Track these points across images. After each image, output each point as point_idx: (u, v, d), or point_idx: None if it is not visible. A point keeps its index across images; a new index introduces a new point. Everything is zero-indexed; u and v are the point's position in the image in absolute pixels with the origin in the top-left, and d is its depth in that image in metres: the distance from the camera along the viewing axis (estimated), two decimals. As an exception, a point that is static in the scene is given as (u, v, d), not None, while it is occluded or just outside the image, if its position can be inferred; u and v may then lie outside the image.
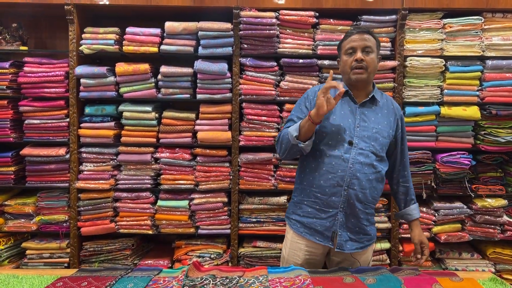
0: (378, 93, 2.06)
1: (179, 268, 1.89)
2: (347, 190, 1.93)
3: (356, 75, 1.93)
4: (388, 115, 2.02)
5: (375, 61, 1.95)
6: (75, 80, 2.90)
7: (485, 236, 2.96)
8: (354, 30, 1.97)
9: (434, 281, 1.69)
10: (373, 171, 1.95)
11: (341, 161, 1.92)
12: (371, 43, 1.94)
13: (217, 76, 2.87)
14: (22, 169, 3.01)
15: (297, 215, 2.07)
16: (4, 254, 2.93)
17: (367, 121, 1.96)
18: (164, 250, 3.15)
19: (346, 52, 1.96)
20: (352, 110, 1.97)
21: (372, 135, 1.94)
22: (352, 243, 2.01)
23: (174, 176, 2.95)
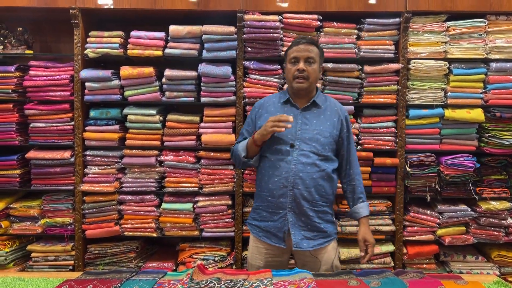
0: (321, 96, 2.18)
1: (184, 271, 1.89)
2: (292, 190, 2.05)
3: (298, 84, 2.07)
4: (331, 116, 2.13)
5: (316, 71, 2.10)
6: (80, 84, 2.92)
7: (489, 239, 2.95)
8: (300, 40, 2.10)
9: (439, 284, 1.69)
10: (316, 170, 2.06)
11: (284, 163, 2.06)
12: (314, 54, 2.08)
13: (221, 79, 2.88)
14: (27, 172, 3.03)
15: (256, 220, 2.20)
16: (9, 257, 2.94)
17: (308, 124, 2.09)
18: (168, 252, 3.16)
19: (290, 61, 2.10)
20: (295, 116, 2.10)
21: (314, 136, 2.07)
22: (308, 241, 2.09)
23: (178, 179, 2.96)
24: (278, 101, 2.18)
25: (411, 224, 2.96)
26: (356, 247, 2.93)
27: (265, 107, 2.19)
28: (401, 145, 2.93)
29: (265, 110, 2.18)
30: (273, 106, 2.17)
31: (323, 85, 2.92)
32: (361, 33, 2.92)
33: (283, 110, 2.13)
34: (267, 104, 2.20)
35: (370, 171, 2.95)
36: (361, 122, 2.94)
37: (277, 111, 2.14)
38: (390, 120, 2.94)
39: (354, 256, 2.89)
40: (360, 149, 2.93)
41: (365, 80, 2.91)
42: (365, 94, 2.93)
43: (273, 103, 2.18)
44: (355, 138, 2.93)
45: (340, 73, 2.90)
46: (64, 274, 1.92)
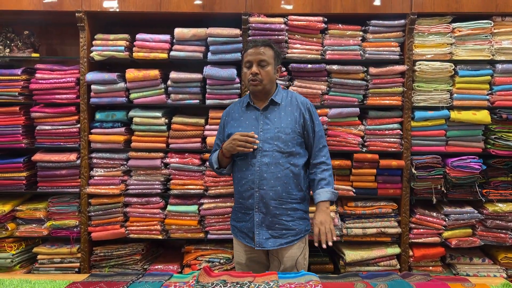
0: (281, 93, 2.21)
1: (189, 273, 1.89)
2: (258, 191, 2.10)
3: (252, 86, 2.12)
4: (292, 112, 2.16)
5: (270, 73, 2.12)
6: (85, 86, 2.93)
7: (496, 241, 2.93)
8: (251, 44, 2.14)
9: (446, 287, 1.68)
10: (280, 168, 2.10)
11: (249, 166, 2.12)
12: (267, 57, 2.11)
13: (226, 82, 2.89)
14: (33, 174, 3.04)
15: (234, 221, 2.27)
16: (15, 259, 2.95)
17: (269, 123, 2.13)
18: (174, 255, 3.16)
19: (245, 65, 2.15)
20: (257, 117, 2.16)
21: (275, 135, 2.10)
22: (274, 239, 2.12)
23: (183, 181, 2.96)
24: (241, 106, 2.23)
25: (417, 226, 2.95)
26: (362, 249, 2.93)
27: (230, 114, 2.25)
28: (406, 147, 2.92)
29: (231, 117, 2.23)
30: (237, 112, 2.22)
31: (328, 87, 2.92)
32: (366, 35, 2.92)
33: (246, 114, 2.18)
34: (232, 111, 2.26)
35: (375, 173, 2.94)
36: (367, 124, 2.93)
37: (241, 116, 2.19)
38: (396, 122, 2.93)
39: (360, 259, 2.88)
40: (366, 151, 2.92)
41: (370, 82, 2.90)
42: (370, 96, 2.92)
43: (237, 109, 2.24)
44: (361, 140, 2.93)
45: (345, 75, 2.90)
46: (70, 276, 1.93)
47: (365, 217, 2.95)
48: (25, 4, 2.89)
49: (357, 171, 2.94)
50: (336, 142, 2.92)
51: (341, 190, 2.94)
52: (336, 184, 2.93)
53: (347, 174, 2.97)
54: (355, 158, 2.91)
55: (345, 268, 2.92)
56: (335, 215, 2.93)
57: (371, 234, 2.94)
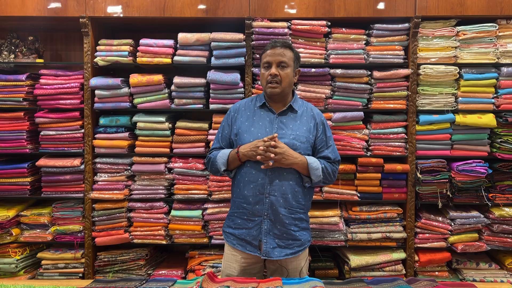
0: (298, 101, 2.15)
1: (193, 279, 1.88)
2: (269, 197, 2.01)
3: (270, 89, 2.04)
4: (307, 121, 2.10)
5: (289, 75, 2.05)
6: (89, 92, 2.94)
7: (503, 246, 2.90)
8: (273, 44, 2.06)
9: (453, 293, 1.66)
10: (291, 177, 2.03)
11: (260, 170, 2.01)
12: (287, 58, 2.04)
13: (230, 86, 2.88)
14: (38, 179, 3.05)
15: (230, 228, 2.14)
16: (20, 264, 2.95)
17: (285, 128, 2.06)
18: (178, 260, 3.15)
19: (263, 65, 2.07)
20: (271, 120, 2.08)
21: (290, 142, 2.03)
22: (280, 249, 2.05)
23: (187, 186, 2.96)
24: (254, 105, 2.14)
25: (422, 231, 2.93)
26: (367, 254, 2.91)
27: (240, 111, 2.15)
28: (411, 151, 2.90)
29: (240, 115, 2.14)
30: (249, 110, 2.13)
31: (331, 91, 2.91)
32: (370, 39, 2.91)
33: (259, 114, 2.10)
34: (242, 108, 2.16)
35: (380, 178, 2.92)
36: (371, 128, 2.92)
37: (254, 115, 2.11)
38: (400, 126, 2.92)
39: (365, 264, 2.85)
40: (370, 155, 2.91)
41: (374, 86, 2.89)
42: (374, 100, 2.91)
43: (249, 107, 2.14)
44: (365, 144, 2.92)
45: (349, 79, 2.89)
46: (74, 282, 1.92)
47: (370, 222, 2.93)
48: (30, 10, 2.90)
49: (362, 175, 2.92)
50: (341, 146, 2.91)
51: (346, 194, 2.92)
52: (340, 188, 2.92)
53: (351, 178, 2.95)
54: (359, 162, 2.90)
55: (350, 273, 2.89)
56: (340, 219, 2.91)
57: (376, 239, 2.91)
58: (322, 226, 2.89)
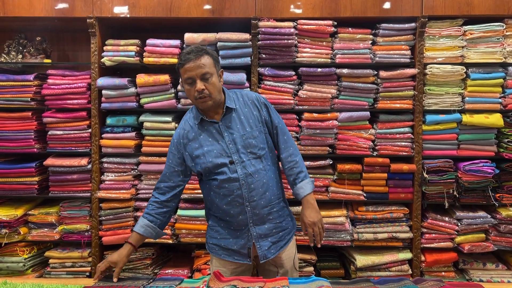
0: (231, 97, 2.03)
1: (200, 278, 1.89)
2: (250, 204, 1.97)
3: (202, 103, 1.92)
4: (250, 111, 2.02)
5: (216, 84, 1.92)
6: (97, 92, 2.96)
7: (510, 246, 2.88)
8: (185, 57, 1.89)
9: (460, 293, 1.66)
10: (263, 174, 1.99)
11: (232, 182, 1.96)
12: (208, 67, 1.89)
13: (236, 86, 2.89)
14: (45, 179, 3.07)
15: (215, 239, 2.09)
16: (27, 263, 2.97)
17: (234, 132, 1.97)
18: (184, 259, 3.16)
19: (186, 81, 1.91)
20: (217, 131, 1.98)
21: (246, 142, 1.97)
22: (274, 246, 2.04)
23: (194, 186, 2.96)
24: (193, 124, 2.01)
25: (429, 231, 2.92)
26: (373, 254, 2.91)
27: (185, 136, 2.02)
28: (418, 150, 2.89)
29: (187, 139, 2.01)
30: (192, 132, 2.01)
31: (337, 91, 2.91)
32: (376, 39, 2.91)
33: (203, 131, 1.99)
34: (185, 132, 2.02)
35: (386, 177, 2.91)
36: (377, 128, 2.91)
37: (199, 134, 1.99)
38: (407, 126, 2.91)
39: (371, 264, 2.85)
40: (376, 155, 2.90)
41: (380, 86, 2.89)
42: (380, 100, 2.91)
43: (191, 128, 2.01)
44: (371, 144, 2.91)
45: (355, 79, 2.89)
46: (81, 281, 1.94)
47: (376, 222, 2.92)
48: (38, 10, 2.92)
49: (368, 175, 2.92)
50: (347, 146, 2.91)
51: (352, 194, 2.92)
52: (346, 188, 2.92)
53: (357, 178, 2.95)
54: (365, 162, 2.89)
55: (356, 273, 2.89)
56: (346, 219, 2.91)
57: (382, 239, 2.91)
58: (328, 226, 2.89)
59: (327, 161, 2.93)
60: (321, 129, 2.90)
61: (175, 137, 2.06)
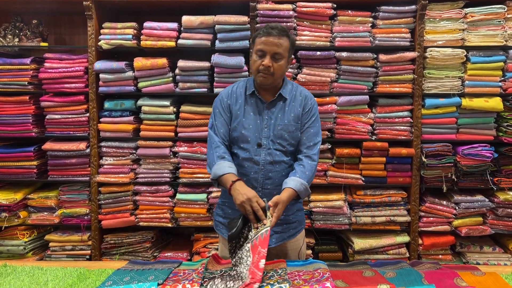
0: (288, 87, 2.03)
1: (198, 261, 1.90)
2: (262, 191, 1.96)
3: (261, 78, 1.92)
4: (295, 106, 2.00)
5: (283, 67, 1.93)
6: (94, 75, 2.94)
7: (507, 230, 2.90)
8: (269, 31, 1.89)
9: (456, 275, 1.67)
10: (285, 166, 1.98)
11: (252, 164, 1.96)
12: (282, 49, 1.89)
13: (234, 70, 2.87)
14: (44, 163, 3.07)
15: (221, 217, 2.09)
16: (28, 246, 3.00)
17: (274, 119, 1.97)
18: (183, 242, 3.19)
19: (257, 52, 1.92)
20: (260, 111, 1.99)
21: (278, 133, 1.96)
22: (278, 235, 2.03)
23: (192, 170, 2.97)
24: (244, 92, 2.01)
25: (426, 214, 2.94)
26: (371, 237, 2.93)
27: (232, 97, 2.02)
28: (416, 135, 2.89)
29: (232, 101, 2.01)
30: (240, 98, 2.01)
31: (337, 74, 2.89)
32: (376, 21, 2.88)
33: (250, 102, 1.99)
34: (234, 95, 2.03)
35: (385, 162, 2.92)
36: (376, 112, 2.90)
37: (244, 104, 2.00)
38: (406, 110, 2.90)
39: (369, 247, 2.87)
40: (375, 139, 2.90)
41: (380, 69, 2.87)
42: (380, 83, 2.89)
43: (240, 94, 2.02)
44: (370, 128, 2.91)
45: (354, 62, 2.86)
46: (81, 263, 1.96)
47: (374, 206, 2.94)
48: (34, -7, 2.89)
49: (366, 160, 2.92)
50: (345, 130, 2.90)
51: (350, 178, 2.93)
52: (345, 172, 2.92)
53: (356, 162, 2.95)
54: (364, 146, 2.89)
55: (353, 256, 2.92)
56: (344, 203, 2.92)
57: (380, 223, 2.93)
58: (326, 210, 2.90)
59: (326, 145, 2.93)
60: (320, 113, 2.87)
61: (223, 95, 2.04)
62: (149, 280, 1.64)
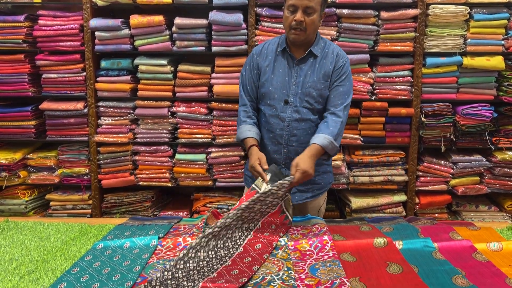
0: (320, 44, 2.01)
1: (198, 217, 1.94)
2: (287, 148, 2.00)
3: (294, 35, 1.91)
4: (326, 64, 1.99)
5: (315, 21, 1.90)
6: (90, 33, 2.88)
7: (503, 189, 2.93)
8: None
9: (451, 230, 1.70)
10: (311, 125, 2.00)
11: (278, 120, 1.99)
12: (314, 3, 1.85)
13: (232, 28, 2.81)
14: (42, 123, 3.06)
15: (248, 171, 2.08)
16: (29, 205, 3.03)
17: (303, 76, 1.97)
18: (183, 202, 3.22)
19: (288, 8, 1.89)
20: (290, 67, 1.99)
21: (306, 90, 1.96)
22: (300, 194, 2.07)
23: (191, 130, 2.96)
24: (276, 49, 2.03)
25: (424, 174, 2.96)
26: (369, 197, 2.96)
27: (263, 54, 2.05)
28: (416, 94, 2.86)
29: (262, 58, 2.04)
30: (270, 55, 2.03)
31: (337, 32, 2.84)
32: (378, -23, 2.80)
33: (280, 59, 2.01)
34: (265, 51, 2.05)
35: (384, 122, 2.91)
36: (377, 71, 2.87)
37: (274, 60, 2.01)
38: (406, 69, 2.86)
39: (366, 206, 2.91)
40: (375, 99, 2.88)
41: (381, 27, 2.81)
42: (381, 42, 2.84)
43: (271, 51, 2.04)
44: (370, 88, 2.88)
45: (355, 20, 2.80)
46: (82, 220, 1.98)
47: (372, 166, 2.96)
48: None
49: (366, 120, 2.91)
50: (345, 89, 2.88)
51: (349, 139, 2.92)
52: (344, 133, 2.91)
53: (355, 122, 2.94)
54: (363, 106, 2.88)
55: (351, 215, 2.96)
56: (342, 163, 2.93)
57: (378, 182, 2.95)
58: (325, 169, 2.91)
59: (325, 105, 2.91)
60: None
61: (254, 52, 2.08)
62: (150, 234, 1.67)
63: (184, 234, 1.67)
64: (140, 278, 1.34)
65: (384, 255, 1.48)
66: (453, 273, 1.36)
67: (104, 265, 1.43)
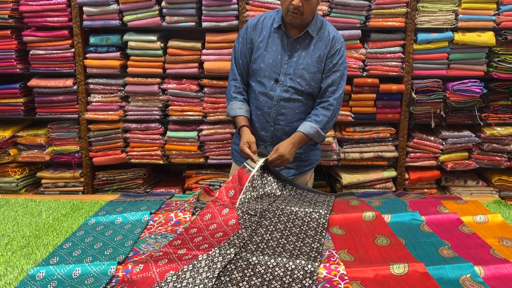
0: (317, 24, 1.99)
1: (190, 193, 1.95)
2: (274, 126, 2.02)
3: (290, 17, 1.89)
4: (321, 47, 1.98)
5: (313, 6, 1.89)
6: (77, 8, 2.82)
7: (491, 164, 2.98)
8: None
9: (439, 203, 1.73)
10: (299, 105, 2.01)
11: (267, 98, 2.00)
12: None
13: (223, 2, 2.77)
14: (31, 101, 3.02)
15: (236, 145, 2.14)
16: (20, 183, 3.02)
17: (296, 56, 1.96)
18: (175, 179, 3.24)
19: None
20: (284, 46, 1.98)
21: (299, 72, 1.96)
22: (287, 170, 2.09)
23: (182, 107, 2.95)
24: (271, 25, 1.99)
25: (414, 150, 2.99)
26: (359, 173, 2.99)
27: (257, 29, 2.02)
28: (407, 70, 2.87)
29: (256, 33, 2.01)
30: (265, 30, 2.00)
31: (329, 8, 2.81)
32: (370, -49, 2.76)
33: (274, 36, 1.98)
34: (260, 26, 2.02)
35: (375, 98, 2.91)
36: (368, 48, 2.86)
37: (269, 36, 1.99)
38: (398, 45, 2.85)
39: (356, 181, 2.95)
40: (366, 76, 2.88)
41: (373, 2, 2.79)
42: (373, 17, 2.82)
43: (266, 26, 2.01)
44: (361, 64, 2.87)
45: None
46: (74, 197, 1.99)
47: (363, 142, 2.98)
48: None
49: (357, 96, 2.91)
50: (336, 66, 2.87)
51: (340, 115, 2.92)
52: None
53: (346, 99, 2.93)
54: (355, 82, 2.87)
55: (341, 191, 2.99)
56: (333, 140, 2.95)
57: (368, 158, 2.98)
58: (316, 146, 2.93)
59: (316, 81, 2.90)
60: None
61: (249, 24, 2.06)
62: (141, 210, 1.68)
63: (176, 209, 1.69)
64: (132, 252, 1.36)
65: (372, 228, 1.51)
66: (439, 244, 1.39)
67: (96, 240, 1.45)
